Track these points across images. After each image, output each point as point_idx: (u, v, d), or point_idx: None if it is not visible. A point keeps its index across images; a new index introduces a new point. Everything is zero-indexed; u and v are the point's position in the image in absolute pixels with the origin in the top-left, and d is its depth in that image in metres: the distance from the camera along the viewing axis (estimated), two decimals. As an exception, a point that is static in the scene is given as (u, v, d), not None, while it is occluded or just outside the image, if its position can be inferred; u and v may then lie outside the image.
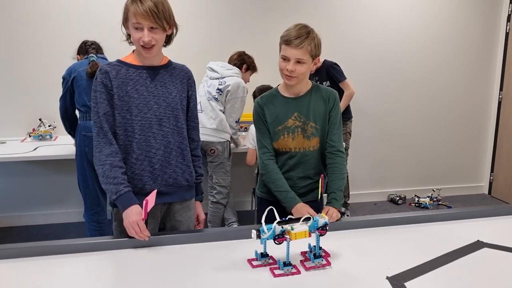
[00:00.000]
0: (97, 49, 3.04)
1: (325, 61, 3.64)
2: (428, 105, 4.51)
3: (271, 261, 1.38)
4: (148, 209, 1.50)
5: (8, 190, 3.73)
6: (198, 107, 3.23)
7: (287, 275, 1.30)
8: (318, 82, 3.63)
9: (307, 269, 1.34)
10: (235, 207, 3.58)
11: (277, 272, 1.32)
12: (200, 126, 3.13)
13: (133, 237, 1.49)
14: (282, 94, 1.88)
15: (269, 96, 1.91)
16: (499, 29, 4.52)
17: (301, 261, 1.38)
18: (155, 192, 1.56)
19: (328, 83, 3.62)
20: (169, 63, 1.74)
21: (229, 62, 3.35)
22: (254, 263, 1.36)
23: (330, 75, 3.61)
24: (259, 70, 3.52)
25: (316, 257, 1.36)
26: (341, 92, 3.65)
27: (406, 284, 1.26)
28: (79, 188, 3.02)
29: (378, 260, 1.42)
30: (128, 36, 1.66)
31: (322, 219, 1.36)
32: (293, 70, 1.74)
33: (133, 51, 1.70)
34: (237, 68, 3.31)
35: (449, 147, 4.67)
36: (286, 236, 1.31)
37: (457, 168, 4.75)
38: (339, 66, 3.64)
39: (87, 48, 3.01)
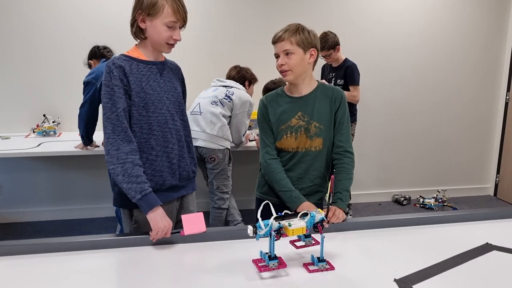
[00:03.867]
0: (111, 52, 3.06)
1: (346, 60, 3.60)
2: (434, 105, 4.47)
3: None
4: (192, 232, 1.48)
5: (11, 186, 3.73)
6: (197, 108, 3.16)
7: (273, 269, 1.29)
8: (334, 79, 3.59)
9: (310, 272, 1.31)
10: (238, 206, 3.56)
11: (263, 267, 1.30)
12: (198, 130, 3.11)
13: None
14: (287, 94, 1.87)
15: (273, 95, 1.90)
16: (507, 29, 4.47)
17: (304, 264, 1.35)
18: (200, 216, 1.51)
19: (342, 81, 3.56)
20: (165, 59, 1.74)
21: (229, 78, 3.34)
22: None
23: (346, 74, 3.54)
24: (267, 70, 3.49)
25: (320, 260, 1.33)
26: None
27: (414, 286, 1.23)
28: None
29: (385, 261, 1.40)
30: (140, 29, 1.59)
31: (318, 214, 1.34)
32: (283, 63, 1.76)
33: (136, 45, 1.66)
34: (242, 86, 3.31)
35: (455, 148, 4.63)
36: (271, 231, 1.28)
37: (462, 169, 4.71)
38: (358, 71, 3.57)
39: (103, 52, 3.04)
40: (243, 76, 3.35)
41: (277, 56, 1.79)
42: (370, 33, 4.16)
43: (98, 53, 3.06)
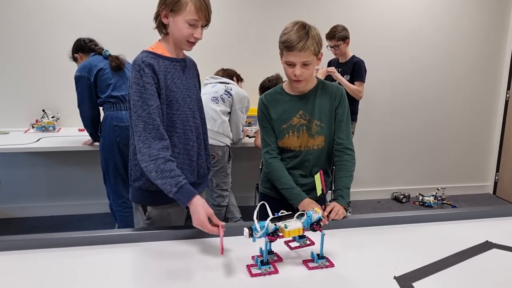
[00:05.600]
0: (98, 45, 3.04)
1: (354, 56, 3.61)
2: (434, 103, 4.47)
3: (276, 258, 1.35)
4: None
5: (10, 181, 3.72)
6: None
7: (264, 274, 1.27)
8: (340, 74, 3.57)
9: (310, 268, 1.31)
10: (237, 203, 3.55)
11: (254, 271, 1.28)
12: None
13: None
14: (287, 92, 1.85)
15: (273, 94, 1.87)
16: (508, 27, 4.46)
17: (304, 261, 1.35)
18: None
19: (348, 77, 3.56)
20: (185, 55, 1.73)
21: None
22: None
23: (354, 69, 3.54)
24: (267, 67, 3.49)
25: (320, 257, 1.33)
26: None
27: (414, 284, 1.23)
28: (107, 179, 3.02)
29: (385, 259, 1.39)
30: (162, 25, 1.58)
31: (315, 214, 1.33)
32: (301, 74, 1.69)
33: (159, 40, 1.64)
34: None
35: (454, 146, 4.63)
36: (265, 236, 1.27)
37: (462, 167, 4.71)
38: (365, 68, 3.58)
39: (90, 46, 3.01)
40: (230, 73, 3.35)
41: (290, 64, 1.69)
42: (370, 29, 4.15)
43: (85, 47, 3.01)
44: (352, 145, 1.84)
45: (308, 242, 1.40)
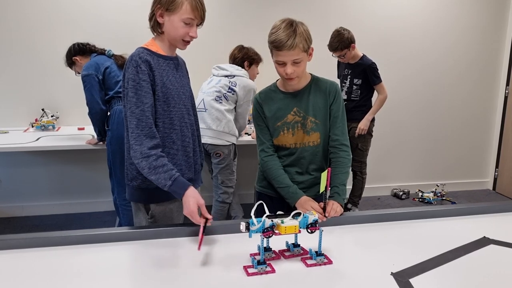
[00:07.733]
0: (96, 46, 3.08)
1: (363, 57, 3.46)
2: (433, 99, 4.47)
3: (274, 255, 1.36)
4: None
5: (10, 180, 3.73)
6: (201, 105, 3.12)
7: (261, 273, 1.27)
8: (350, 77, 3.50)
9: (308, 266, 1.32)
10: (240, 200, 3.57)
11: (250, 270, 1.27)
12: (204, 127, 3.08)
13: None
14: (280, 90, 1.85)
15: (267, 92, 1.87)
16: (507, 23, 4.46)
17: (302, 258, 1.36)
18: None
19: (360, 81, 3.47)
20: (177, 54, 1.74)
21: (231, 59, 3.26)
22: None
23: (367, 75, 3.43)
24: (266, 66, 3.47)
25: (318, 254, 1.34)
26: (371, 92, 3.55)
27: (411, 280, 1.24)
28: (113, 173, 3.03)
29: (382, 255, 1.40)
30: (157, 24, 1.59)
31: (312, 216, 1.34)
32: (292, 72, 1.68)
33: (153, 38, 1.65)
34: (244, 70, 3.21)
35: (454, 142, 4.64)
36: (262, 234, 1.27)
37: (461, 163, 4.71)
38: (376, 67, 3.45)
39: (90, 47, 3.06)
40: (244, 54, 3.24)
41: (281, 62, 1.68)
42: (368, 28, 4.14)
43: (86, 49, 3.04)
44: (348, 141, 1.84)
45: (302, 251, 1.40)
